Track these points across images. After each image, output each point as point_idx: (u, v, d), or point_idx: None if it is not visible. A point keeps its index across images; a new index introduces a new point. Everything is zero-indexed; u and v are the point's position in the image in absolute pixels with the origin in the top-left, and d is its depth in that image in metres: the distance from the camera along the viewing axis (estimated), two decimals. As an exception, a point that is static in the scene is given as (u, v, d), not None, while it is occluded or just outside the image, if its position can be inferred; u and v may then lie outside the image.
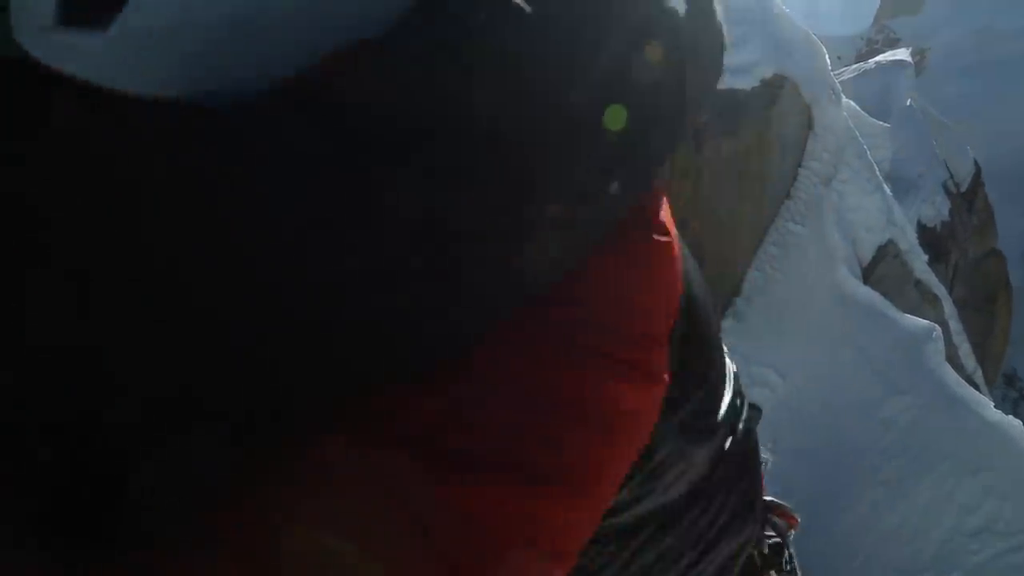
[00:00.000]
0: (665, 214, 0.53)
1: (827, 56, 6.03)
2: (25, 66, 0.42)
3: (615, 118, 0.42)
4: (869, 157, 6.15)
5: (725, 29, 0.50)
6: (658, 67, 0.44)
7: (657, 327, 0.49)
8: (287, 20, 0.38)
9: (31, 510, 0.41)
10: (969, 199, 10.16)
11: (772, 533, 0.91)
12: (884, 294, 5.43)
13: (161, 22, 0.37)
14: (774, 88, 5.30)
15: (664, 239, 0.51)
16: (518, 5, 0.40)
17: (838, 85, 6.15)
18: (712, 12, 0.49)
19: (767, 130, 5.25)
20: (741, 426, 0.79)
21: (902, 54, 11.40)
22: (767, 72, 5.28)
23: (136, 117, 0.40)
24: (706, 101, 0.50)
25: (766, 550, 0.88)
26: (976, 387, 5.63)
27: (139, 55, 0.38)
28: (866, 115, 7.58)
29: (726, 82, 5.08)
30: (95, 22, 0.37)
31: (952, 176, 9.74)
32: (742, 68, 5.17)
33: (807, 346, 4.87)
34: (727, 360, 0.74)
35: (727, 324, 5.28)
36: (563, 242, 0.43)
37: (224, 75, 0.39)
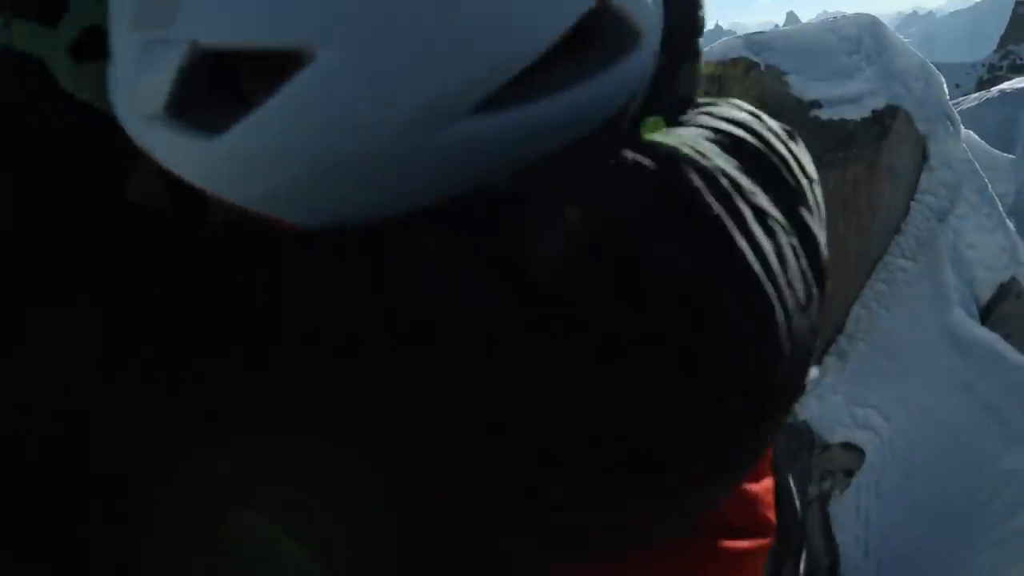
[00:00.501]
0: None
1: (944, 85, 5.76)
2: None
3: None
4: (990, 191, 5.79)
5: None
6: None
7: (765, 488, 0.47)
8: (387, 171, 0.38)
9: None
10: (1105, 237, 9.40)
11: None
12: (1005, 336, 5.08)
13: (271, 145, 0.37)
14: (886, 119, 5.10)
15: None
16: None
17: (956, 115, 5.85)
18: None
19: (877, 162, 5.05)
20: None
21: (1030, 81, 10.73)
22: (878, 102, 5.09)
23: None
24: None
25: None
26: (1111, 442, 5.16)
27: (241, 170, 0.39)
28: (988, 146, 7.16)
29: (835, 112, 4.93)
30: (207, 124, 0.38)
31: (1086, 212, 9.04)
32: (851, 98, 5.01)
33: (916, 389, 4.61)
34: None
35: (828, 362, 5.07)
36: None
37: (320, 206, 0.39)
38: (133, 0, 0.39)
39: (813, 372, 0.43)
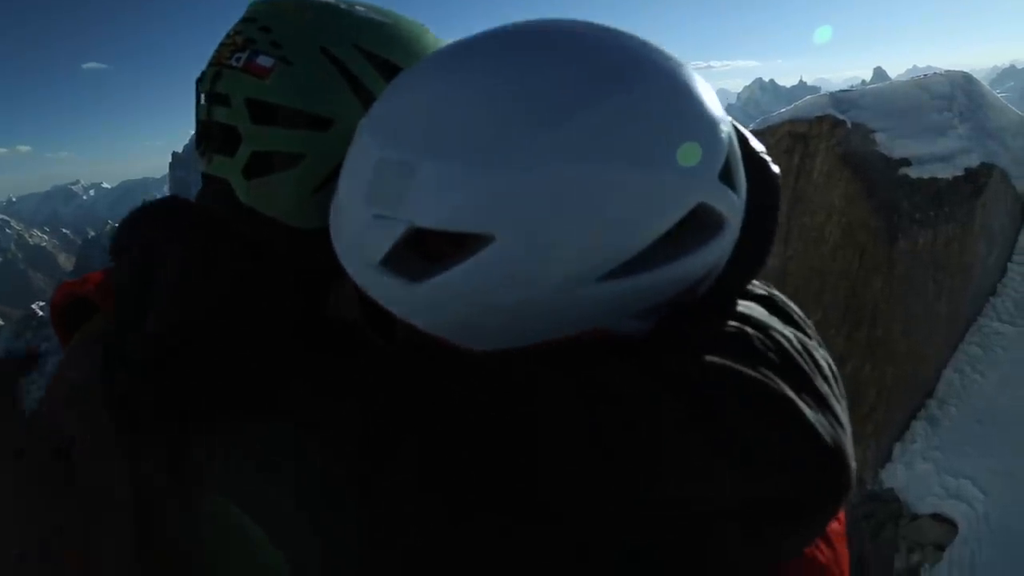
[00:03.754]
0: None
1: (1045, 142, 5.56)
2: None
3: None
4: (1097, 253, 5.50)
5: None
6: None
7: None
8: (545, 315, 0.53)
9: None
10: None
11: None
12: (1115, 408, 4.76)
13: (459, 294, 0.53)
14: (980, 177, 4.95)
15: None
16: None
17: (1058, 174, 5.61)
18: None
19: (971, 221, 4.89)
20: None
21: None
22: (972, 160, 4.96)
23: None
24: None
25: None
26: None
27: (433, 308, 0.54)
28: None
29: (925, 171, 4.83)
30: (410, 274, 0.53)
31: None
32: (942, 156, 4.89)
33: (1015, 459, 4.35)
34: None
35: (916, 427, 4.85)
36: None
37: (483, 335, 0.56)
38: (368, 186, 0.55)
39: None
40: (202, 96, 0.72)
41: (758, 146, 0.65)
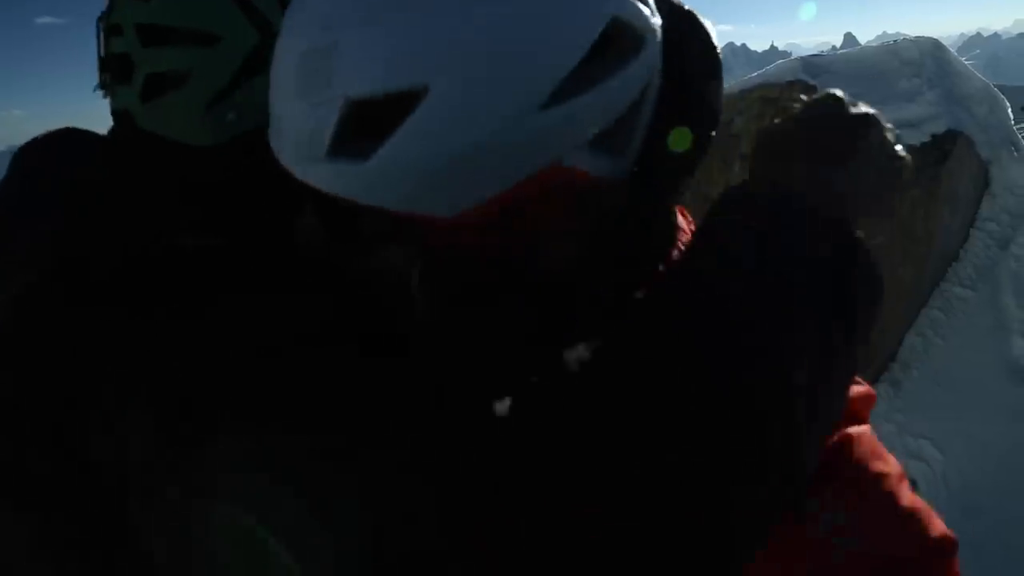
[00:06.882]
0: None
1: (1009, 109, 5.61)
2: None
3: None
4: (1057, 220, 5.61)
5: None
6: None
7: None
8: (491, 160, 0.55)
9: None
10: None
11: None
12: (1068, 370, 4.89)
13: (408, 157, 0.54)
14: (946, 144, 5.00)
15: None
16: None
17: (1022, 140, 5.69)
18: None
19: (936, 187, 4.95)
20: None
21: (1101, 107, 10.33)
22: (939, 127, 4.99)
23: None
24: None
25: None
26: None
27: (389, 180, 0.54)
28: (1055, 173, 6.93)
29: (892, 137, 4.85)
30: (359, 154, 0.54)
31: None
32: (910, 122, 4.91)
33: (973, 421, 4.47)
34: None
35: (880, 390, 4.95)
36: None
37: (446, 195, 0.56)
38: (296, 80, 0.55)
39: None
40: (102, 33, 0.74)
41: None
